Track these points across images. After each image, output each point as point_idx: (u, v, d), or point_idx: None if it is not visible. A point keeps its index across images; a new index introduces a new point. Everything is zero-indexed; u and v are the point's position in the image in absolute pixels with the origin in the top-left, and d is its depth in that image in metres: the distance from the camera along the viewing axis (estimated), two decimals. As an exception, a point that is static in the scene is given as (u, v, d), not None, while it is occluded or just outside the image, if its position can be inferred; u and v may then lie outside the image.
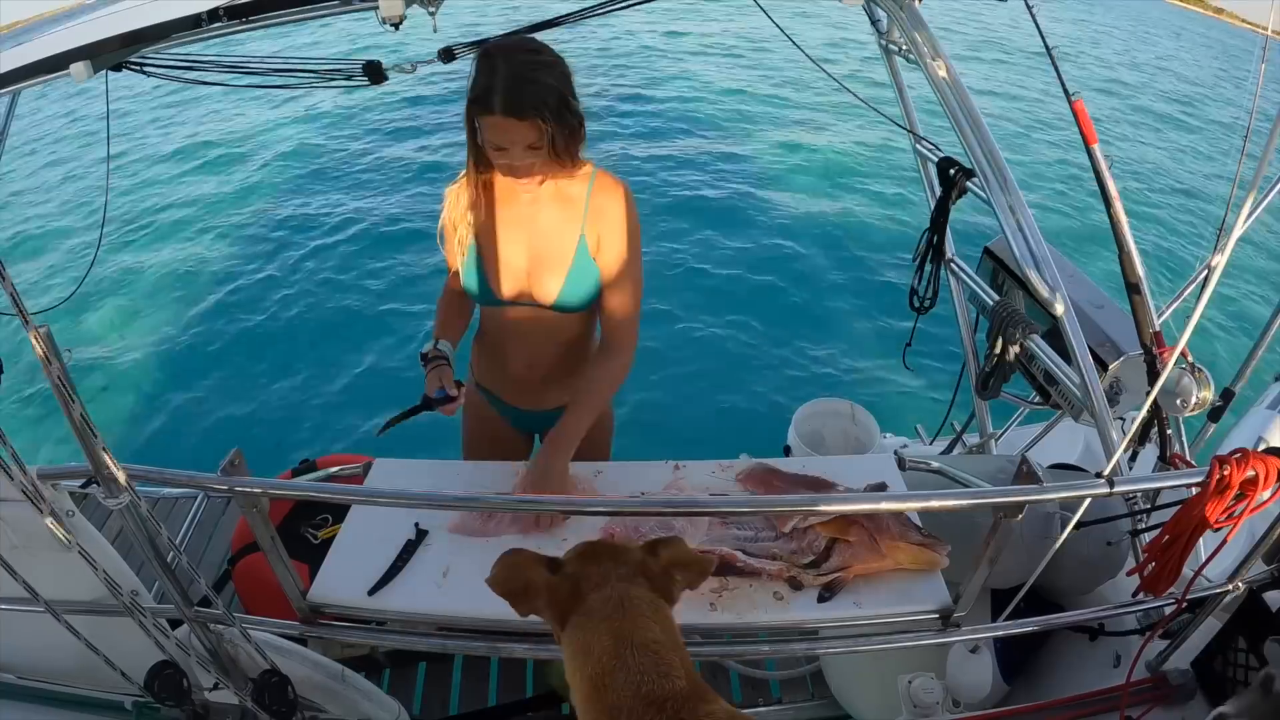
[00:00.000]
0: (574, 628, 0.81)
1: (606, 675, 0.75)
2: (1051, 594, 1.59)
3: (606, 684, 0.75)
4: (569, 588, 0.84)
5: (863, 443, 2.50)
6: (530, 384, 1.71)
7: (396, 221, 6.71)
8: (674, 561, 0.88)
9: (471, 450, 1.90)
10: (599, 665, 0.76)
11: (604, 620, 0.79)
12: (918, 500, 1.37)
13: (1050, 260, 1.60)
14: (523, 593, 0.86)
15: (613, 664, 0.76)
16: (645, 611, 0.81)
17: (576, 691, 0.79)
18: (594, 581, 0.83)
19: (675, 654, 0.78)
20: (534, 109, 1.27)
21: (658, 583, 0.85)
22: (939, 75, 1.62)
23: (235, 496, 1.11)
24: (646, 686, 0.73)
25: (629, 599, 0.81)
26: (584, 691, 0.77)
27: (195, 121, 9.53)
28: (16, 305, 0.88)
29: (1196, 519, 1.17)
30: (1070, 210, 7.67)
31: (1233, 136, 1.74)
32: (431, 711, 2.15)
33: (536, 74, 1.28)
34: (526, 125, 1.28)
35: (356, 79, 1.61)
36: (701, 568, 0.91)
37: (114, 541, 1.37)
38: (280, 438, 4.33)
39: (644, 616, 0.80)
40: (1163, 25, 25.82)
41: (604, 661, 0.76)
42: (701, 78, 11.44)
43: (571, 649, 0.80)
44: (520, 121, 1.28)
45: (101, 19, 1.26)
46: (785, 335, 5.40)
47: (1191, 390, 1.54)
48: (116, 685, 1.37)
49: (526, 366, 1.67)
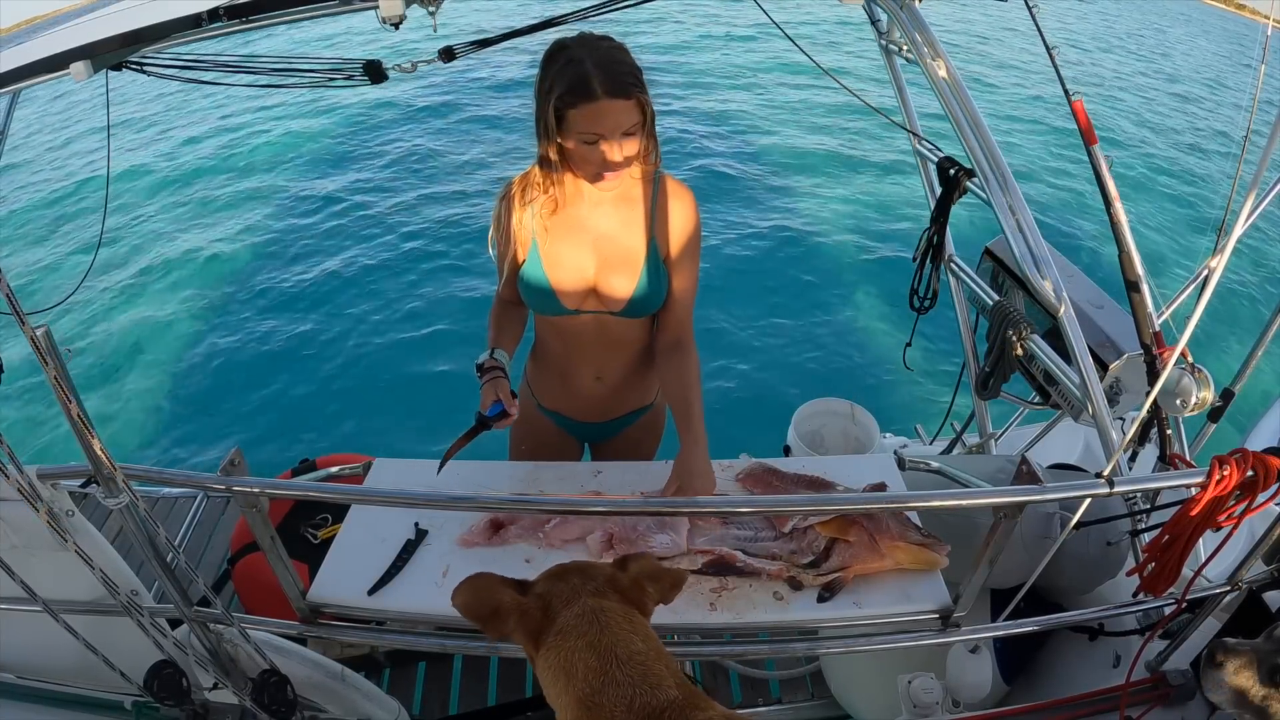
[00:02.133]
0: (550, 649, 0.78)
1: (595, 694, 0.73)
2: (1051, 594, 1.59)
3: (597, 702, 0.72)
4: (540, 608, 0.82)
5: (862, 443, 2.50)
6: (598, 397, 1.66)
7: (402, 222, 6.70)
8: (643, 574, 0.87)
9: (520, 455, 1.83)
10: (586, 685, 0.73)
11: (581, 637, 0.77)
12: (918, 500, 1.37)
13: (1050, 260, 1.60)
14: (491, 616, 0.83)
15: (600, 681, 0.73)
16: (622, 623, 0.78)
17: (563, 712, 0.76)
18: (564, 599, 0.81)
19: (661, 663, 0.76)
20: (634, 85, 1.27)
21: (629, 595, 0.84)
22: (939, 75, 1.62)
23: (235, 496, 1.11)
24: (640, 700, 0.71)
25: (602, 611, 0.79)
26: (573, 713, 0.74)
27: (196, 121, 9.54)
28: (12, 305, 0.88)
29: (1196, 519, 1.17)
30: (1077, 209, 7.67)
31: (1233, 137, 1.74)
32: (431, 711, 2.15)
33: (621, 55, 1.28)
34: (630, 105, 1.27)
35: (357, 79, 1.61)
36: (673, 580, 0.90)
37: (113, 541, 1.37)
38: (280, 438, 4.33)
39: (622, 629, 0.78)
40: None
41: (590, 681, 0.73)
42: (696, 70, 11.45)
43: (551, 671, 0.77)
44: (625, 101, 1.26)
45: (101, 19, 1.26)
46: (785, 335, 5.41)
47: (1191, 390, 1.54)
48: (116, 685, 1.37)
49: (595, 379, 1.63)
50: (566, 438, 1.79)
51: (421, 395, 4.56)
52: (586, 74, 1.24)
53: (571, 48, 1.27)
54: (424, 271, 5.80)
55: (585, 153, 1.31)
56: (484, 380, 1.50)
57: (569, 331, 1.57)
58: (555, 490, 1.52)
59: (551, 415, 1.74)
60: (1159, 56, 17.31)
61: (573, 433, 1.78)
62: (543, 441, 1.78)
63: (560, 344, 1.61)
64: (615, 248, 1.47)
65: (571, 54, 1.26)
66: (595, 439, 1.83)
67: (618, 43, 1.31)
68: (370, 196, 7.25)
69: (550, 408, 1.73)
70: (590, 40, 1.29)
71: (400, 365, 4.88)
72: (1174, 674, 1.40)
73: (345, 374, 4.87)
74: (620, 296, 1.48)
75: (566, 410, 1.72)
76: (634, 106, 1.28)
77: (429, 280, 5.66)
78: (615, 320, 1.52)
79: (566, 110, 1.27)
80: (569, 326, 1.55)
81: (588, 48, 1.26)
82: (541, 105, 1.30)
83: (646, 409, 1.75)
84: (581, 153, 1.32)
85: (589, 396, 1.66)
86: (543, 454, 1.77)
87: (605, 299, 1.49)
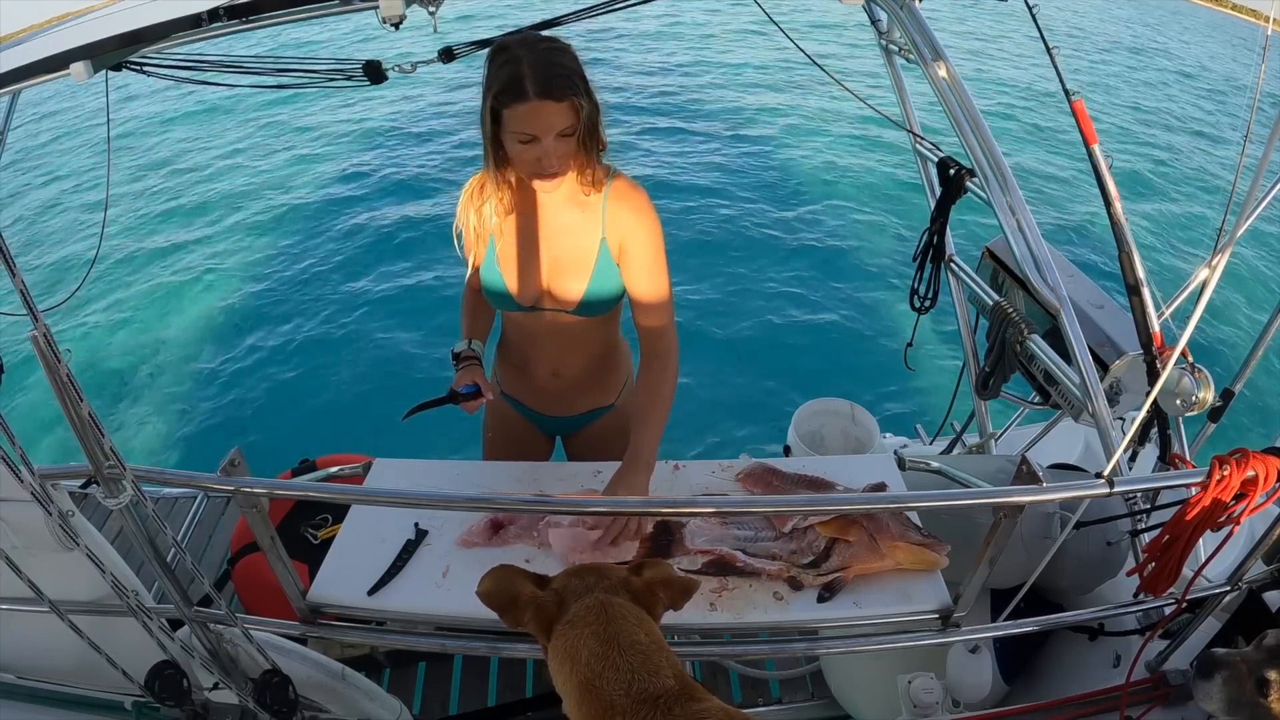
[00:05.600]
0: (559, 636, 0.83)
1: (596, 678, 0.76)
2: (1051, 594, 1.59)
3: (597, 685, 0.76)
4: (555, 602, 0.86)
5: (862, 443, 2.50)
6: (556, 391, 1.70)
7: (403, 222, 6.70)
8: (656, 579, 0.91)
9: (492, 452, 1.88)
10: (588, 669, 0.77)
11: (588, 626, 0.81)
12: (918, 500, 1.37)
13: (1050, 260, 1.60)
14: (510, 605, 0.88)
15: (601, 665, 0.77)
16: (628, 617, 0.82)
17: (568, 698, 0.79)
18: (578, 594, 0.85)
19: (662, 656, 0.79)
20: (568, 88, 1.27)
21: (640, 597, 0.88)
22: (939, 75, 1.62)
23: (235, 496, 1.11)
24: (637, 685, 0.75)
25: (611, 605, 0.83)
26: (575, 697, 0.78)
27: (196, 121, 9.54)
28: (26, 303, 0.88)
29: (1196, 519, 1.17)
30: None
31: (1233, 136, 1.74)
32: (431, 711, 2.15)
33: (559, 57, 1.28)
34: (563, 107, 1.27)
35: (357, 79, 1.61)
36: (685, 587, 0.93)
37: (114, 541, 1.37)
38: (280, 438, 4.33)
39: (627, 621, 0.81)
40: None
41: (592, 665, 0.77)
42: (695, 70, 11.45)
43: (558, 657, 0.81)
44: (557, 103, 1.26)
45: (101, 19, 1.26)
46: (784, 335, 5.41)
47: (1191, 390, 1.54)
48: (117, 685, 1.37)
49: (551, 374, 1.66)
50: (530, 428, 1.83)
51: (421, 395, 4.54)
52: (521, 74, 1.24)
53: (511, 47, 1.28)
54: (425, 272, 5.80)
55: (520, 151, 1.32)
56: (460, 368, 1.57)
57: (526, 327, 1.61)
58: (555, 490, 1.52)
59: (515, 404, 1.78)
60: (1159, 57, 17.31)
61: (536, 424, 1.82)
62: (508, 428, 1.83)
63: (519, 337, 1.66)
64: (566, 248, 1.48)
65: (510, 54, 1.27)
66: (560, 432, 1.86)
67: (561, 44, 1.31)
68: (370, 196, 7.25)
69: (513, 396, 1.77)
70: (531, 40, 1.30)
71: (400, 365, 4.88)
72: (1174, 674, 1.40)
73: (345, 374, 4.87)
74: (572, 297, 1.50)
75: (528, 402, 1.76)
76: (568, 109, 1.28)
77: (429, 280, 5.66)
78: (571, 319, 1.54)
79: (502, 110, 1.28)
80: (526, 322, 1.59)
81: (527, 47, 1.27)
82: (483, 104, 1.32)
83: (607, 409, 1.77)
84: (516, 151, 1.33)
85: (547, 390, 1.70)
86: (509, 439, 1.83)
87: (558, 299, 1.52)
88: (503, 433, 1.84)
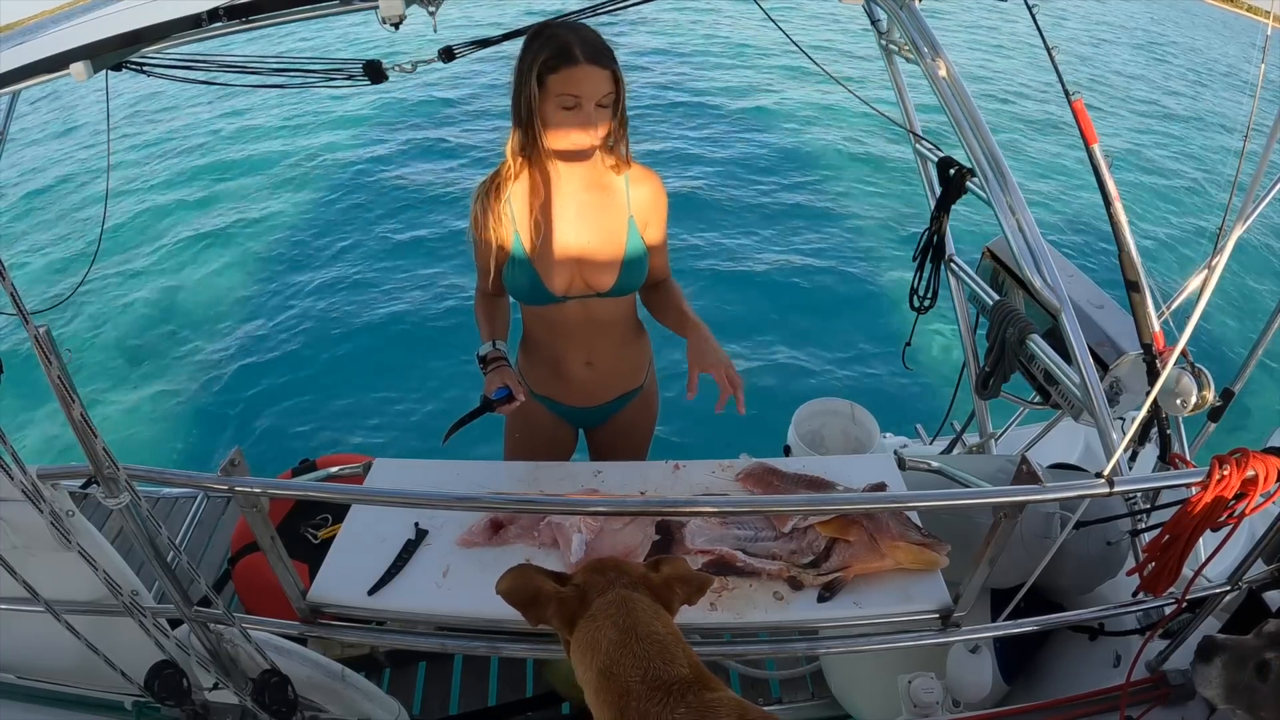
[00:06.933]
0: (581, 629, 0.87)
1: (614, 665, 0.81)
2: (1051, 594, 1.59)
3: (615, 672, 0.81)
4: (577, 597, 0.90)
5: (862, 443, 2.50)
6: (589, 382, 1.72)
7: (403, 221, 6.69)
8: (674, 576, 0.95)
9: (517, 452, 1.87)
10: (606, 657, 0.82)
11: (608, 618, 0.85)
12: (918, 500, 1.37)
13: (1050, 260, 1.60)
14: (532, 602, 0.92)
15: (619, 653, 0.81)
16: (647, 610, 0.86)
17: (587, 687, 0.83)
18: (599, 589, 0.89)
19: (678, 647, 0.83)
20: (611, 59, 1.37)
21: (659, 593, 0.92)
22: (939, 75, 1.62)
23: (235, 496, 1.11)
24: (653, 672, 0.79)
25: (631, 600, 0.87)
26: (594, 685, 0.82)
27: (195, 121, 9.54)
28: (16, 305, 0.88)
29: (1196, 519, 1.17)
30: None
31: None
32: (431, 711, 2.15)
33: (599, 36, 1.39)
34: (606, 75, 1.37)
35: (357, 79, 1.61)
36: (700, 584, 0.97)
37: (114, 541, 1.37)
38: (280, 438, 4.33)
39: (646, 614, 0.86)
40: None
41: (610, 653, 0.82)
42: (694, 70, 11.45)
43: (580, 649, 0.86)
44: (602, 70, 1.36)
45: (101, 19, 1.25)
46: (784, 335, 5.40)
47: (1191, 390, 1.54)
48: (116, 685, 1.37)
49: (585, 364, 1.68)
50: (560, 423, 1.84)
51: (422, 395, 4.56)
52: (569, 42, 1.34)
53: (553, 25, 1.39)
54: (425, 272, 5.80)
55: (560, 119, 1.39)
56: (488, 370, 1.57)
57: (556, 320, 1.62)
58: (555, 490, 1.52)
59: (544, 401, 1.78)
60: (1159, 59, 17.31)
61: (566, 418, 1.82)
62: (537, 427, 1.82)
63: (548, 333, 1.67)
64: (597, 229, 1.53)
65: (554, 29, 1.38)
66: (589, 424, 1.87)
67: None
68: (370, 196, 7.25)
69: (543, 394, 1.77)
70: (569, 22, 1.41)
71: (401, 365, 4.88)
72: (1174, 674, 1.40)
73: (345, 374, 4.87)
74: (606, 278, 1.55)
75: (560, 397, 1.77)
76: (610, 77, 1.38)
77: (430, 280, 5.67)
78: (600, 302, 1.58)
79: (548, 75, 1.36)
80: (556, 315, 1.61)
81: (568, 26, 1.38)
82: (523, 77, 1.38)
83: (637, 391, 1.81)
84: (557, 120, 1.39)
85: (581, 382, 1.71)
86: (538, 439, 1.84)
87: (592, 280, 1.56)
88: (529, 434, 1.84)
